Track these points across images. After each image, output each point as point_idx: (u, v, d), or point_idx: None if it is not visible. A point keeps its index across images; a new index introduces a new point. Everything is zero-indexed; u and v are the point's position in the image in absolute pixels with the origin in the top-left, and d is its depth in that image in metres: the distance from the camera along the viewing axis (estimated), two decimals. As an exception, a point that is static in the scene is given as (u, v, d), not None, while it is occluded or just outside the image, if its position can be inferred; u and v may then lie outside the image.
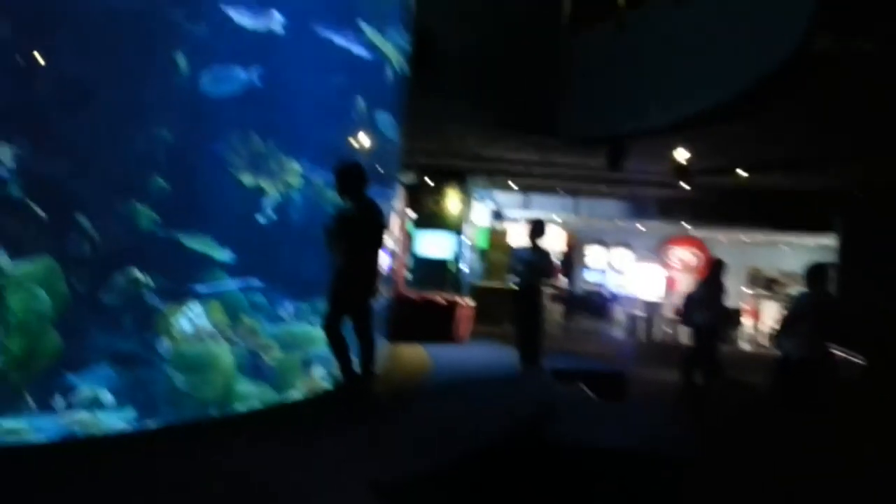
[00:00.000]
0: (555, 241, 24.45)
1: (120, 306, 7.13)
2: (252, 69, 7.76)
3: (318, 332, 7.35)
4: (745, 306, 23.28)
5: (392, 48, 8.99)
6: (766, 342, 20.57)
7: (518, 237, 22.27)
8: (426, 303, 12.32)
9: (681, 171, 12.54)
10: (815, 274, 8.19)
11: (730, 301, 12.07)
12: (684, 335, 20.14)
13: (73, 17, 6.74)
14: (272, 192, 8.31)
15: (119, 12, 7.07)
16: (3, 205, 6.23)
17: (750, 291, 24.59)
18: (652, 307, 22.50)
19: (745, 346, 21.56)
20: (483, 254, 21.01)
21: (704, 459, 5.98)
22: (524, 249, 9.36)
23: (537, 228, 9.44)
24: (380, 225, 6.89)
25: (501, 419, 6.39)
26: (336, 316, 6.74)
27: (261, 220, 8.24)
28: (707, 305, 10.41)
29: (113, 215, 7.26)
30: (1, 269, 5.87)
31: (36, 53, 6.72)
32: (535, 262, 9.11)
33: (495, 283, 19.01)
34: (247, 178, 8.21)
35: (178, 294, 7.58)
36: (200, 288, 7.77)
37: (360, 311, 6.80)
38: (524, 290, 9.07)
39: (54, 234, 6.62)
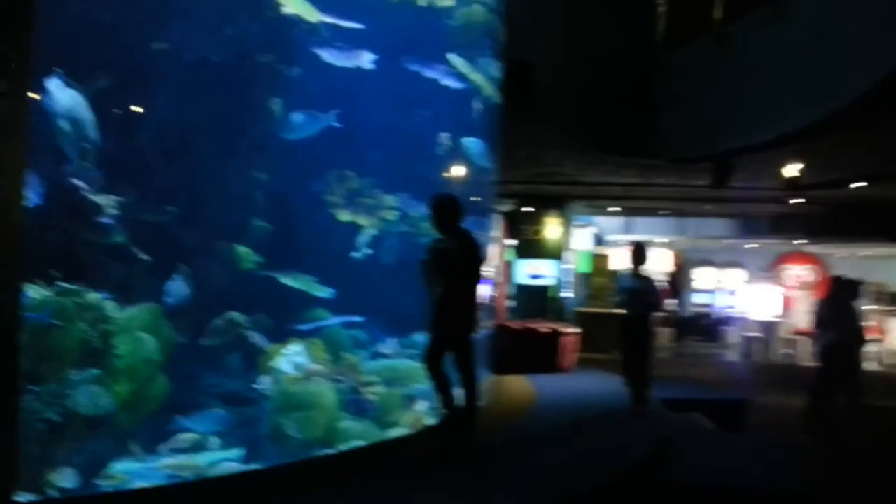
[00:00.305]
0: (661, 263, 23.81)
1: (224, 347, 7.25)
2: (341, 108, 7.81)
3: (419, 367, 7.25)
4: (869, 324, 22.00)
5: (483, 78, 8.91)
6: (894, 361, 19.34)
7: (620, 261, 21.85)
8: (528, 332, 12.08)
9: (792, 184, 11.94)
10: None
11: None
12: (806, 357, 19.24)
13: (170, 67, 6.93)
14: (369, 229, 8.33)
15: (214, 61, 7.25)
16: (108, 251, 6.40)
17: (874, 308, 23.24)
18: (768, 328, 21.52)
19: (873, 365, 20.32)
20: (585, 279, 20.62)
21: (837, 498, 5.53)
22: (627, 277, 8.80)
23: (639, 254, 8.82)
24: (477, 257, 6.74)
25: (614, 459, 6.12)
26: (436, 350, 6.61)
27: (359, 256, 8.26)
28: (836, 325, 9.76)
29: (215, 258, 7.42)
30: (107, 314, 5.99)
31: (136, 104, 6.94)
32: (639, 291, 8.50)
33: (599, 309, 18.59)
34: (344, 216, 8.26)
35: (281, 333, 7.66)
36: (302, 326, 7.84)
37: (461, 344, 6.66)
38: (630, 320, 8.59)
39: (158, 279, 6.78)
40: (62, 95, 5.82)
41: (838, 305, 9.86)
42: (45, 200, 6.21)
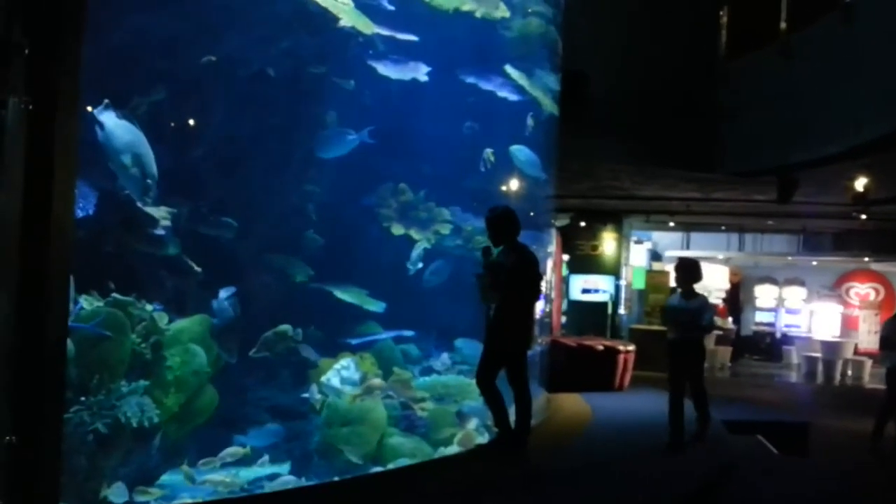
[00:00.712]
0: (718, 280, 23.32)
1: (275, 361, 7.20)
2: (396, 121, 7.73)
3: (471, 384, 7.11)
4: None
5: (540, 90, 8.76)
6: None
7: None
8: (584, 349, 11.83)
9: (860, 199, 11.52)
10: None
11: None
12: (872, 379, 18.58)
13: (226, 80, 6.94)
14: (423, 242, 8.23)
15: (269, 74, 7.25)
16: (161, 263, 6.41)
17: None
18: (830, 348, 20.82)
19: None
20: (641, 295, 20.26)
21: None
22: (676, 297, 7.85)
23: (685, 270, 7.80)
24: (535, 273, 6.56)
25: (677, 483, 5.88)
26: (490, 368, 6.44)
27: (412, 270, 8.16)
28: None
29: (268, 270, 7.39)
30: (158, 325, 5.98)
31: (191, 117, 6.96)
32: (688, 312, 7.50)
33: (654, 326, 18.22)
34: (397, 229, 8.18)
35: (333, 347, 7.59)
36: (353, 340, 7.76)
37: (516, 361, 6.48)
38: (678, 344, 7.57)
39: (212, 291, 6.77)
40: (119, 130, 5.78)
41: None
42: (98, 211, 6.26)
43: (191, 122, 7.03)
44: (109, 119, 5.78)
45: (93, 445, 5.34)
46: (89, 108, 5.67)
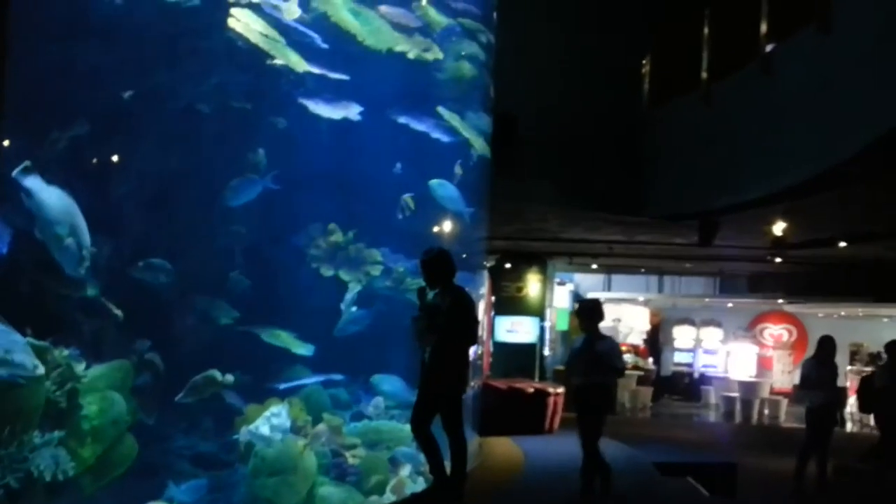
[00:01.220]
0: (639, 322, 23.75)
1: (199, 407, 6.89)
2: (328, 159, 7.61)
3: (403, 428, 6.92)
4: (848, 384, 21.90)
5: (472, 131, 8.77)
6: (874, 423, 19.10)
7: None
8: (514, 392, 11.76)
9: (779, 243, 11.86)
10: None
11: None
12: (789, 417, 19.04)
13: (151, 116, 6.72)
14: (353, 284, 8.06)
15: (198, 109, 7.05)
16: (79, 305, 6.09)
17: (852, 368, 23.18)
18: (748, 388, 21.32)
19: (852, 426, 20.14)
20: (565, 337, 20.42)
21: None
22: (581, 339, 7.37)
23: (590, 312, 7.38)
24: (472, 315, 6.47)
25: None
26: (426, 412, 6.27)
27: (346, 313, 7.97)
28: (821, 386, 9.58)
29: (191, 313, 7.11)
30: (75, 372, 5.64)
31: (114, 152, 6.70)
32: (596, 355, 7.05)
33: (580, 368, 18.37)
34: (326, 270, 8.00)
35: (259, 392, 7.32)
36: (281, 385, 7.51)
37: (451, 405, 6.33)
38: (585, 390, 7.11)
39: (131, 335, 6.46)
40: (50, 199, 5.47)
41: (826, 365, 9.72)
42: (11, 249, 5.92)
43: (114, 157, 6.76)
44: (36, 184, 5.47)
45: (3, 501, 4.96)
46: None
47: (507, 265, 17.64)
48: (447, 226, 8.80)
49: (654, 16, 11.80)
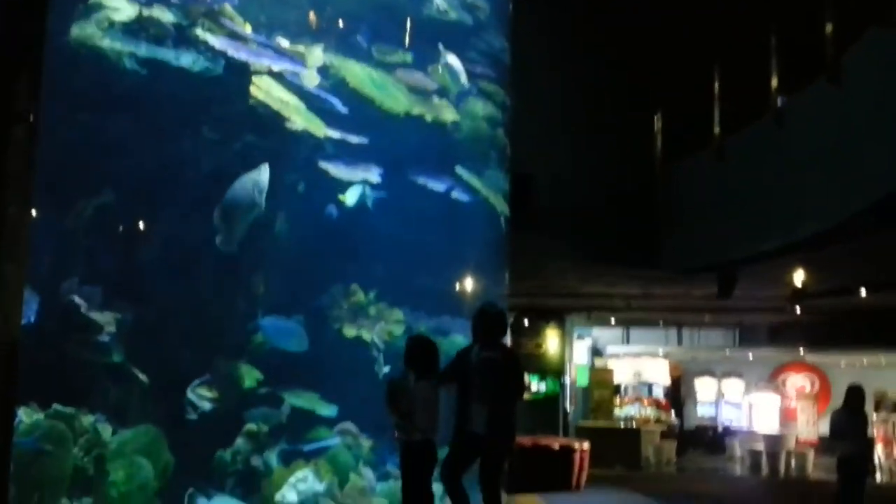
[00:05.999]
0: (660, 375, 23.51)
1: (227, 471, 6.86)
2: (349, 220, 7.70)
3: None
4: (875, 433, 21.47)
5: (491, 190, 8.86)
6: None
7: (621, 373, 21.56)
8: (539, 448, 11.61)
9: (797, 293, 11.84)
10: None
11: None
12: (816, 469, 18.65)
13: (174, 182, 6.84)
14: (375, 343, 8.07)
15: (219, 175, 7.17)
16: (105, 371, 6.13)
17: (878, 417, 22.74)
18: (773, 440, 20.94)
19: (882, 476, 19.70)
20: (585, 392, 20.26)
21: None
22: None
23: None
24: (521, 372, 6.50)
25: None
26: (460, 465, 6.18)
27: (365, 372, 7.97)
28: (853, 436, 9.43)
29: (216, 377, 7.12)
30: (101, 438, 5.65)
31: (139, 219, 6.80)
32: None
33: (601, 423, 18.16)
34: (349, 331, 8.02)
35: (285, 454, 7.29)
36: (307, 447, 7.47)
37: (495, 464, 6.27)
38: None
39: (157, 400, 6.48)
40: None
41: (857, 414, 9.59)
42: (39, 316, 5.99)
43: (139, 224, 6.87)
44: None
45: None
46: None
47: (525, 321, 17.63)
48: (468, 284, 8.85)
49: (665, 72, 11.99)
